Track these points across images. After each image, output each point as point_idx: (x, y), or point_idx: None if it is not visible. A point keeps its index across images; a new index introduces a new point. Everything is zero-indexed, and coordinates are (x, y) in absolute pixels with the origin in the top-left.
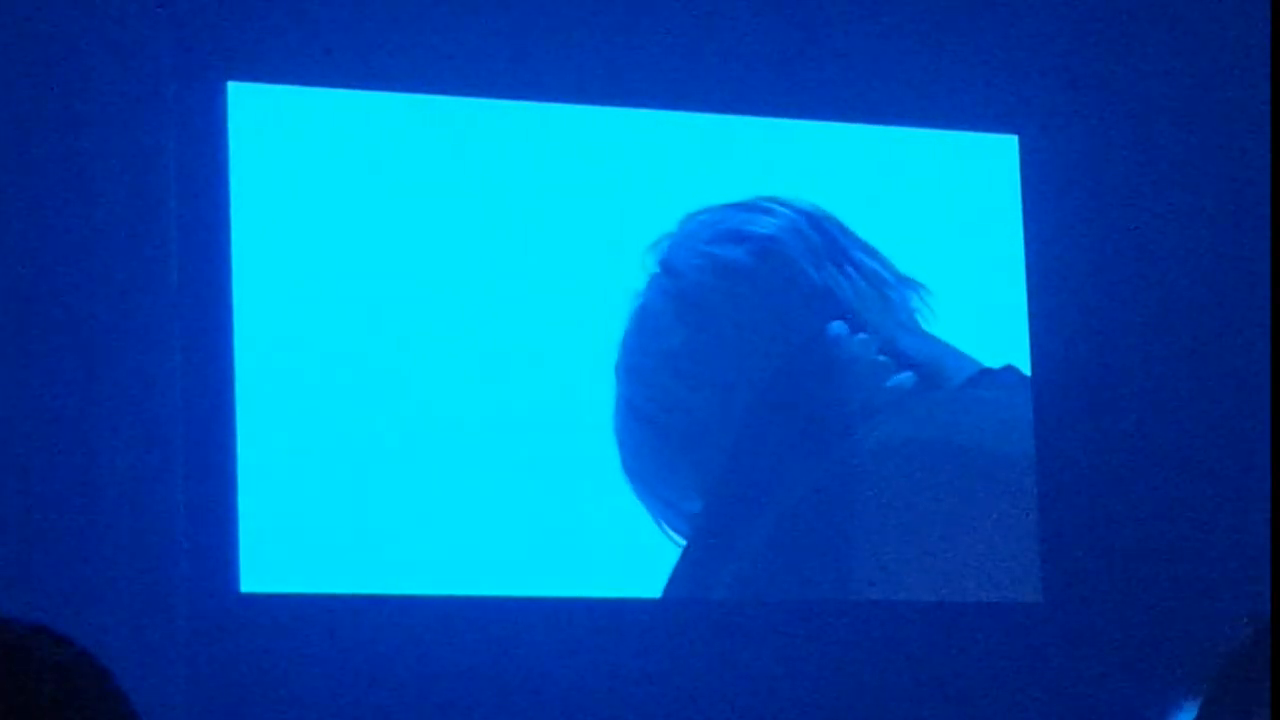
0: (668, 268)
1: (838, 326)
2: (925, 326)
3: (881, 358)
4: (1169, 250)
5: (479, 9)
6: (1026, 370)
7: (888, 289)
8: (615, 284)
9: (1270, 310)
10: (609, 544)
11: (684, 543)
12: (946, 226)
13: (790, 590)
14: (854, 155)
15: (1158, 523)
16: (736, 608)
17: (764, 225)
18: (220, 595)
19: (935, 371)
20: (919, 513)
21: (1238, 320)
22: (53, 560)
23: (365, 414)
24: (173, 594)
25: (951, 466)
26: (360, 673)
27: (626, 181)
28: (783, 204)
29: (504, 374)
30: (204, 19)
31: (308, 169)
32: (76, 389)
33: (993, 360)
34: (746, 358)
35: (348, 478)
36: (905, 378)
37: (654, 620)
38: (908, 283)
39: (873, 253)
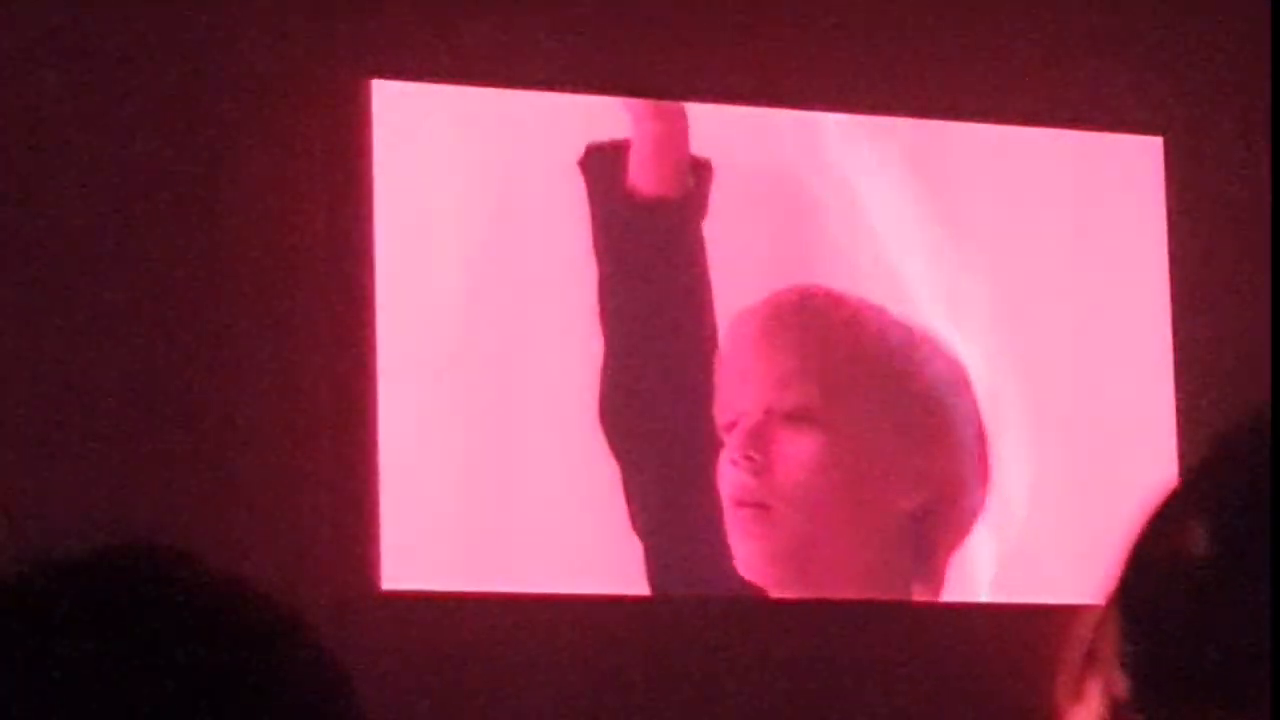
0: None
1: None
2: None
3: None
4: None
5: (622, 7)
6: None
7: None
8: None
9: (1270, 310)
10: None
11: None
12: (1089, 230)
13: None
14: (996, 156)
15: None
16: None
17: None
18: (362, 593)
19: None
20: None
21: None
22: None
23: (510, 408)
24: (314, 591)
25: None
26: (503, 673)
27: (765, 179)
28: None
29: (646, 368)
30: (348, 17)
31: (452, 168)
32: (216, 385)
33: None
34: None
35: (492, 472)
36: None
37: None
38: None
39: None
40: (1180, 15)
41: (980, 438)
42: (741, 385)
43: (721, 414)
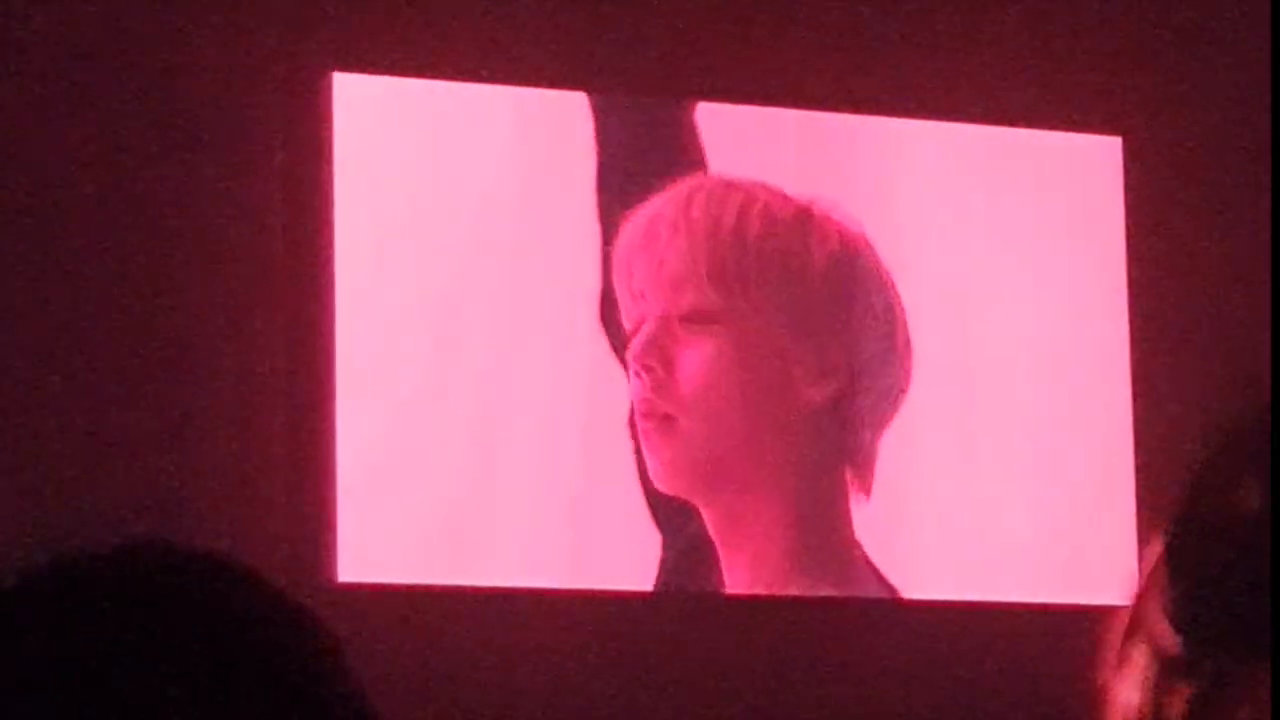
0: None
1: None
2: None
3: None
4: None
5: (585, 1)
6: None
7: None
8: None
9: (1270, 311)
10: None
11: None
12: (1048, 229)
13: None
14: (956, 155)
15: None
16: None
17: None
18: (318, 585)
19: None
20: None
21: None
22: None
23: (467, 404)
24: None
25: None
26: (459, 666)
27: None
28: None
29: (610, 365)
30: (309, 9)
31: (412, 161)
32: (177, 378)
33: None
34: None
35: (449, 467)
36: None
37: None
38: None
39: None
40: (1139, 16)
41: (890, 310)
42: (640, 290)
43: (626, 320)
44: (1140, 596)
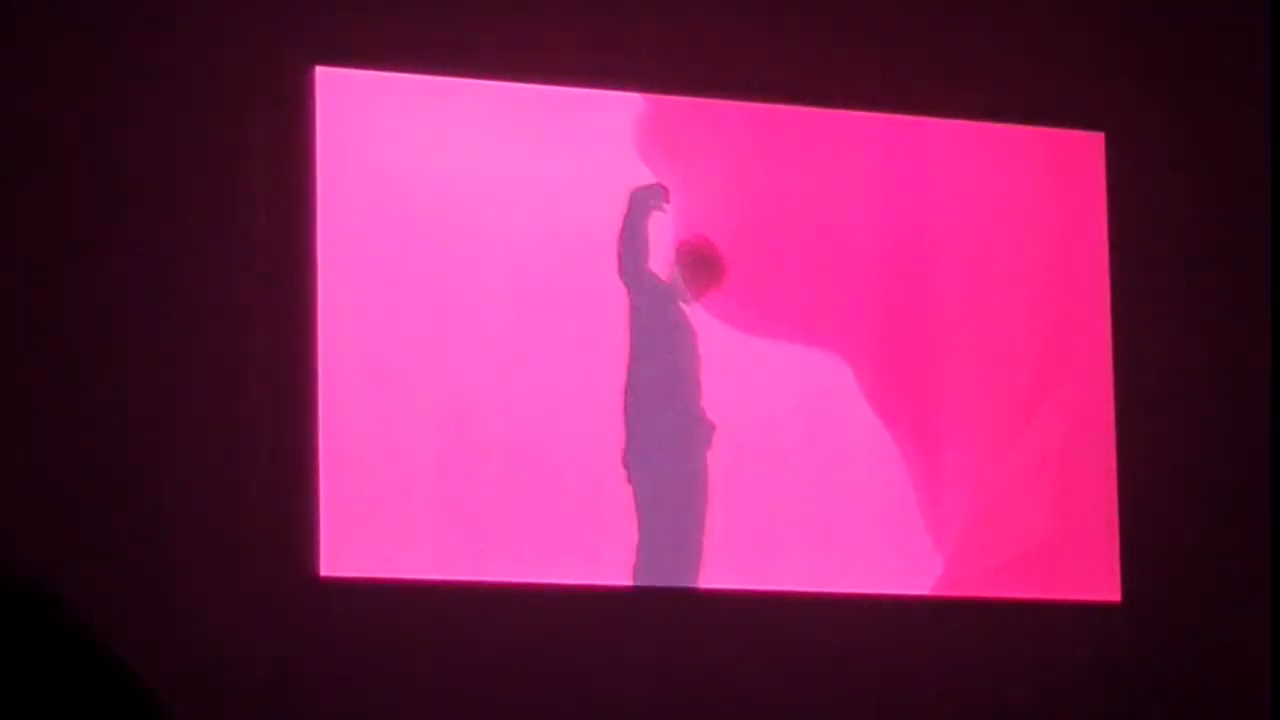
0: None
1: None
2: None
3: None
4: (1257, 249)
5: None
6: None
7: None
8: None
9: (1270, 312)
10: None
11: None
12: (1031, 222)
13: None
14: (941, 149)
15: (1241, 525)
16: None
17: None
18: (301, 580)
19: None
20: None
21: None
22: (135, 546)
23: (448, 400)
24: (254, 578)
25: None
26: (438, 658)
27: (720, 171)
28: None
29: (592, 360)
30: (292, 4)
31: (393, 152)
32: (158, 372)
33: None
34: None
35: (430, 464)
36: None
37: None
38: None
39: None
40: (1122, 13)
41: None
42: None
43: None
44: None
